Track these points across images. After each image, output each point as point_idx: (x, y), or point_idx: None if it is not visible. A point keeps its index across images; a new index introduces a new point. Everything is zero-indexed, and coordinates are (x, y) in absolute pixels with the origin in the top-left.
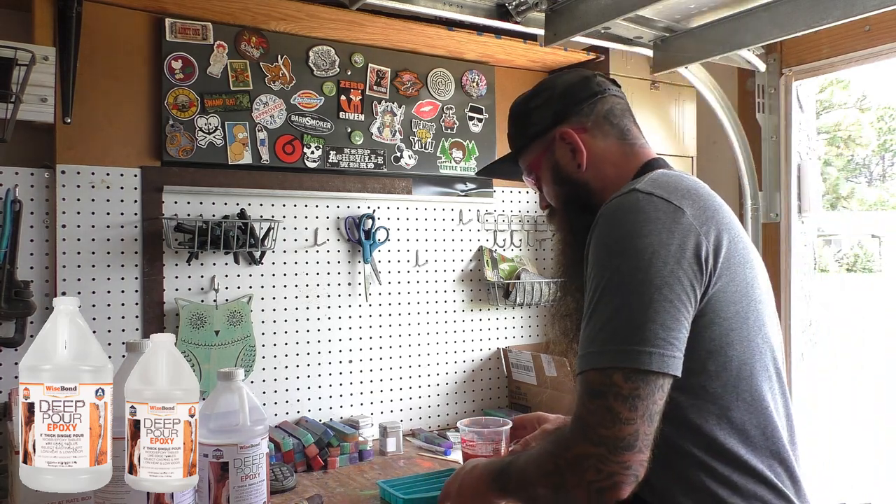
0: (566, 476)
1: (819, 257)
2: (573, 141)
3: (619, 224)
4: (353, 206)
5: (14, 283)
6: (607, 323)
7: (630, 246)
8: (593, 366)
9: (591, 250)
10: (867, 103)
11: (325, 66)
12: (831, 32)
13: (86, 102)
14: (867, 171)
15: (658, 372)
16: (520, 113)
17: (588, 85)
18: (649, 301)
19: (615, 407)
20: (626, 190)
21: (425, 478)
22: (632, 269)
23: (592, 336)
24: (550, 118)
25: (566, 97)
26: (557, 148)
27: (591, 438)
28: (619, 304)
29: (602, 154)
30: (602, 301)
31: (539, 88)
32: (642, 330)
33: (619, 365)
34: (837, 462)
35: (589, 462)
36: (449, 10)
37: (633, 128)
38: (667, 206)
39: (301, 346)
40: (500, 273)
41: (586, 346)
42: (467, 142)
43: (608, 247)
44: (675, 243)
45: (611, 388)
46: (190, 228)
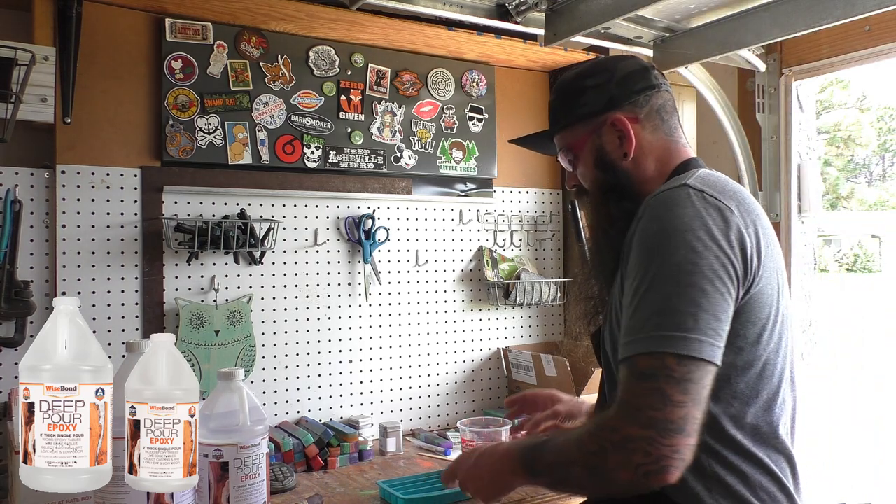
0: (609, 457)
1: (819, 257)
2: (625, 129)
3: (670, 216)
4: (353, 206)
5: (14, 283)
6: (660, 310)
7: (682, 238)
8: (645, 350)
9: (639, 239)
10: (867, 103)
11: (325, 66)
12: (831, 32)
13: (86, 102)
14: (867, 171)
15: (707, 361)
16: (572, 89)
17: (647, 76)
18: (702, 291)
19: (667, 389)
20: (676, 184)
21: (425, 478)
22: (683, 261)
23: (643, 322)
24: (604, 101)
25: (624, 84)
26: (605, 133)
27: (641, 420)
28: (671, 293)
29: (648, 147)
30: (653, 289)
31: (596, 68)
32: (695, 318)
33: (672, 350)
34: (837, 462)
35: (637, 444)
36: (449, 10)
37: (678, 126)
38: (717, 204)
39: (301, 346)
40: (500, 273)
41: (636, 331)
42: (467, 142)
43: (659, 237)
44: (724, 239)
45: (662, 371)
46: (190, 228)
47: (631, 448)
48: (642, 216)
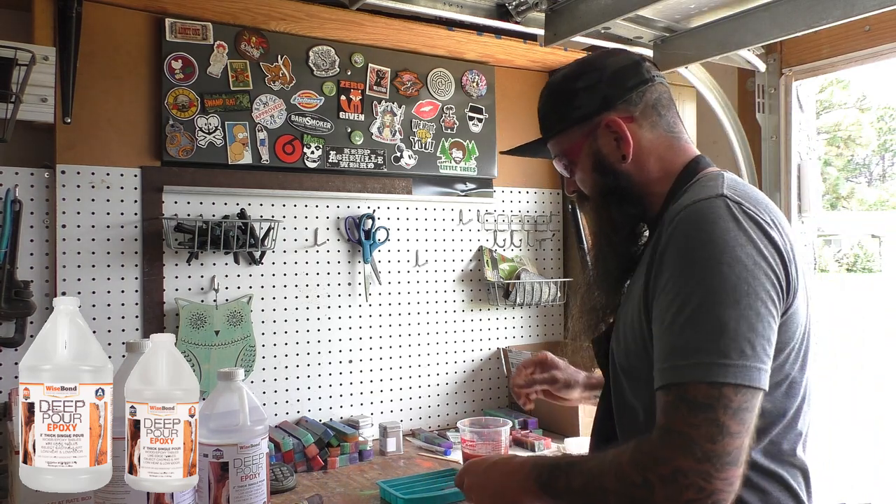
0: (656, 491)
1: (819, 257)
2: (620, 130)
3: (716, 230)
4: (353, 206)
5: (14, 283)
6: (716, 335)
7: (733, 255)
8: (701, 378)
9: (680, 253)
10: (867, 103)
11: (325, 66)
12: (831, 32)
13: (86, 102)
14: (867, 171)
15: (761, 388)
16: (562, 93)
17: (639, 70)
18: (757, 315)
19: (725, 421)
20: (711, 194)
21: (425, 478)
22: (739, 281)
23: (695, 346)
24: (597, 103)
25: (616, 82)
26: (601, 135)
27: (695, 454)
28: (728, 316)
29: (648, 146)
30: (704, 310)
31: (585, 68)
32: (753, 345)
33: (732, 381)
34: (837, 462)
35: (690, 479)
36: (449, 10)
37: (678, 121)
38: (757, 218)
39: (301, 346)
40: (500, 273)
41: (686, 355)
42: (467, 142)
43: (707, 253)
44: (770, 257)
45: (720, 401)
46: (190, 228)
47: (683, 483)
48: (676, 227)
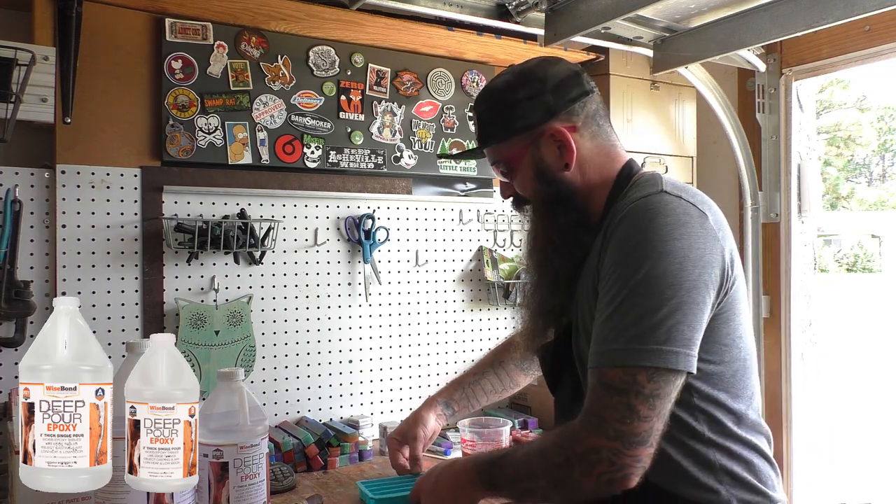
0: (574, 467)
1: (819, 257)
2: (564, 139)
3: (650, 224)
4: (353, 206)
5: (14, 283)
6: (635, 321)
7: (663, 248)
8: (617, 363)
9: (619, 247)
10: (867, 103)
11: (325, 66)
12: (831, 32)
13: (86, 102)
14: (867, 171)
15: (680, 371)
16: (503, 103)
17: (580, 81)
18: (679, 303)
19: (635, 405)
20: (652, 190)
21: (402, 480)
22: (664, 271)
23: (617, 333)
24: (540, 113)
25: (559, 92)
26: (544, 144)
27: (607, 432)
28: (650, 305)
29: (588, 155)
30: (630, 299)
31: (525, 77)
32: (671, 330)
33: (644, 364)
34: (837, 462)
35: (601, 455)
36: (449, 10)
37: (611, 129)
38: (694, 211)
39: (301, 346)
40: (500, 273)
41: (609, 341)
42: (467, 142)
43: (639, 246)
44: (703, 247)
45: (633, 387)
46: (190, 228)
47: (595, 458)
48: (619, 223)
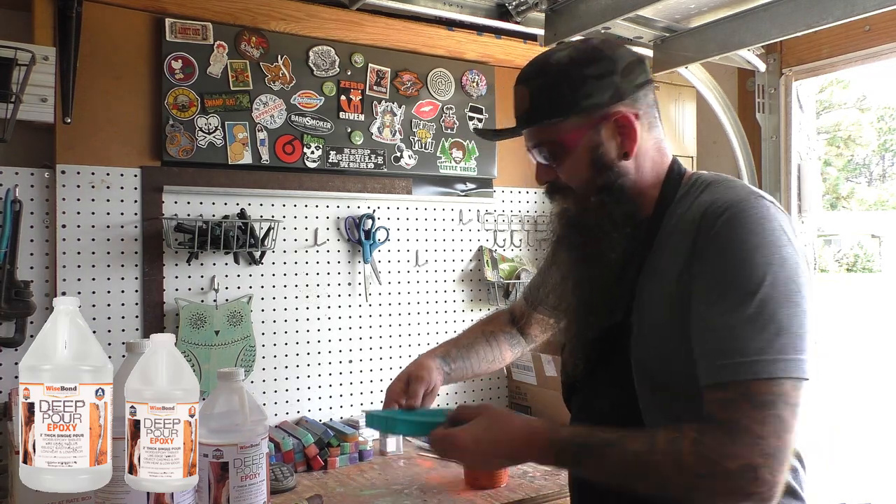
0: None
1: (819, 257)
2: (629, 126)
3: (761, 232)
4: (353, 206)
5: (14, 283)
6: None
7: (778, 255)
8: (764, 375)
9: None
10: (867, 103)
11: (325, 66)
12: (831, 32)
13: (86, 102)
14: (867, 171)
15: (808, 380)
16: (567, 78)
17: (644, 69)
18: (805, 311)
19: (787, 418)
20: (746, 195)
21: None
22: (786, 280)
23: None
24: (608, 94)
25: (627, 75)
26: (605, 128)
27: (764, 450)
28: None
29: (644, 147)
30: (760, 310)
31: (593, 54)
32: (803, 339)
33: (791, 374)
34: (837, 462)
35: (758, 474)
36: (449, 10)
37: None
38: (786, 218)
39: (301, 346)
40: (500, 273)
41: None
42: (467, 142)
43: (758, 251)
44: (800, 255)
45: (780, 398)
46: (190, 228)
47: (750, 477)
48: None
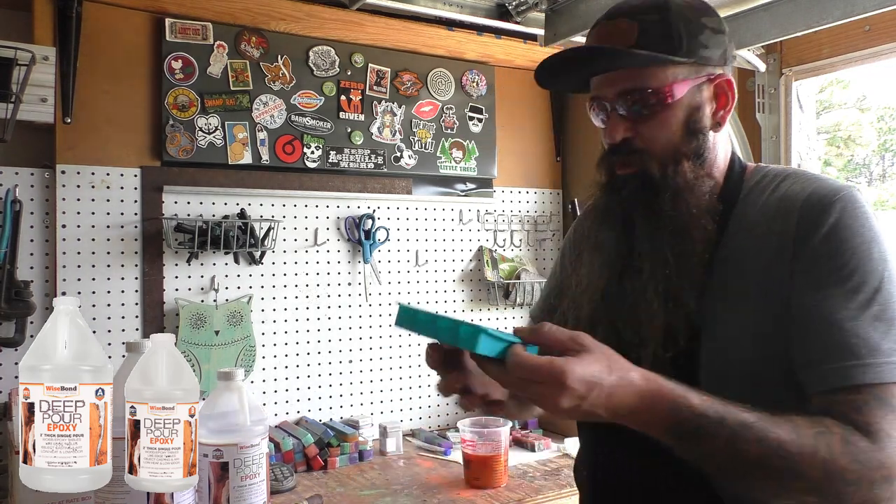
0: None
1: None
2: (731, 95)
3: (871, 224)
4: (353, 206)
5: (14, 283)
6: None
7: (888, 249)
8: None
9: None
10: (867, 103)
11: (325, 66)
12: (831, 32)
13: (86, 102)
14: (867, 171)
15: None
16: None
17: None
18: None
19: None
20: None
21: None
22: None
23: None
24: (720, 52)
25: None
26: (708, 90)
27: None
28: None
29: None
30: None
31: (709, 8)
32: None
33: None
34: None
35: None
36: (449, 10)
37: None
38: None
39: (301, 346)
40: (500, 273)
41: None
42: (467, 142)
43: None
44: None
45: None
46: (190, 228)
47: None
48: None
